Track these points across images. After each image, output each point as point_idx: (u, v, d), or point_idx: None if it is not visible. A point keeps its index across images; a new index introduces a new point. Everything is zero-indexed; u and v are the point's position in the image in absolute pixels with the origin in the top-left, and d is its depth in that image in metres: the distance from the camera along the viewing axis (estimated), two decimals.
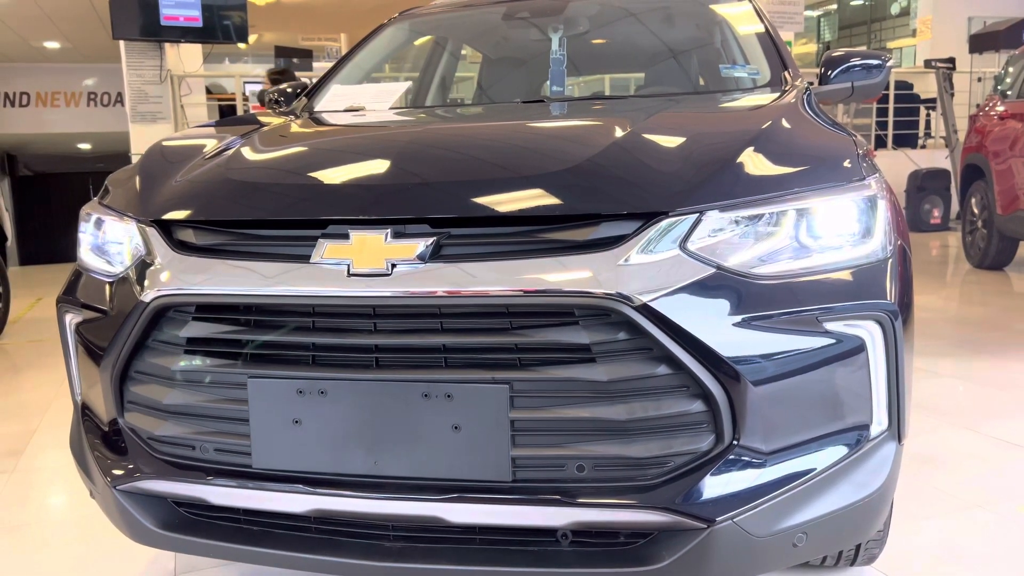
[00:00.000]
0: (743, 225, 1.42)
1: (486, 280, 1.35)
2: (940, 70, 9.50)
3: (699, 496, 1.36)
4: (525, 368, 1.37)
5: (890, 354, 1.48)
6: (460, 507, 1.39)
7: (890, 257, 1.51)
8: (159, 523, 1.58)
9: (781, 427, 1.41)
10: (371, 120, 2.34)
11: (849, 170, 1.55)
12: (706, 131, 1.73)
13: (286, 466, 1.47)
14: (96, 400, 1.68)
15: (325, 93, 2.71)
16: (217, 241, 1.53)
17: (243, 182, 1.62)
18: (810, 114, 1.85)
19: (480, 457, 1.39)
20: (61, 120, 15.68)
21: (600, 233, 1.38)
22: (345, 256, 1.40)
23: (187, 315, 1.51)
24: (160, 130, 8.13)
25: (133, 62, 8.21)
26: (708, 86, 2.75)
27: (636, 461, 1.37)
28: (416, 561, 1.43)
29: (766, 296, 1.39)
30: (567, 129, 1.96)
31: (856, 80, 2.45)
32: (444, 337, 1.39)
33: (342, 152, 1.83)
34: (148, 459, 1.58)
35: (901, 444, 1.55)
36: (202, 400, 1.51)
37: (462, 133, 1.97)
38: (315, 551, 1.48)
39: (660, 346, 1.33)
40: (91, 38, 12.96)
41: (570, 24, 2.94)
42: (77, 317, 1.72)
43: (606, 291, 1.32)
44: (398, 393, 1.39)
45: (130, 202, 1.69)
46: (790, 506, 1.41)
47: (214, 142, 1.88)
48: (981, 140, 6.60)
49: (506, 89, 3.20)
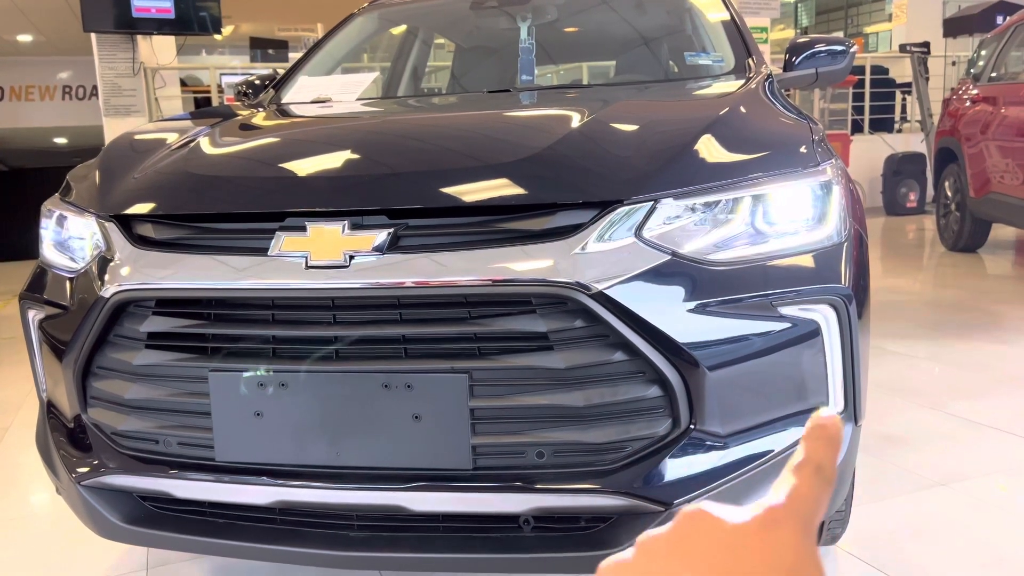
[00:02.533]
0: (698, 212, 1.43)
1: (444, 270, 1.36)
2: (915, 54, 9.55)
3: (658, 480, 1.39)
4: (484, 357, 1.38)
5: (845, 337, 1.50)
6: (422, 495, 1.41)
7: (845, 242, 1.53)
8: (125, 518, 1.59)
9: (738, 411, 1.43)
10: (335, 111, 2.33)
11: (805, 156, 1.57)
12: (663, 119, 1.75)
13: (249, 458, 1.48)
14: (60, 396, 1.68)
15: (292, 84, 2.70)
16: (176, 235, 1.53)
17: (201, 176, 1.62)
18: (769, 100, 1.86)
19: (441, 446, 1.40)
20: (36, 114, 15.48)
21: (556, 222, 1.39)
22: (303, 248, 1.40)
23: (147, 310, 1.51)
24: (134, 123, 8.04)
25: (105, 55, 8.11)
26: (678, 74, 2.76)
27: (595, 447, 1.39)
28: (380, 550, 1.44)
29: (721, 282, 1.41)
30: (526, 119, 1.97)
31: (820, 66, 2.48)
32: (403, 328, 1.40)
33: (302, 144, 1.83)
34: (112, 454, 1.58)
35: (858, 425, 1.57)
36: (164, 394, 1.51)
37: (422, 124, 1.98)
38: (280, 542, 1.49)
39: (616, 333, 1.34)
40: (65, 30, 12.78)
41: (539, 13, 2.94)
42: (40, 313, 1.71)
43: (562, 279, 1.33)
44: (358, 384, 1.40)
45: (90, 197, 1.69)
46: (748, 488, 1.44)
47: (175, 136, 1.87)
48: (954, 124, 6.65)
49: (477, 78, 3.20)
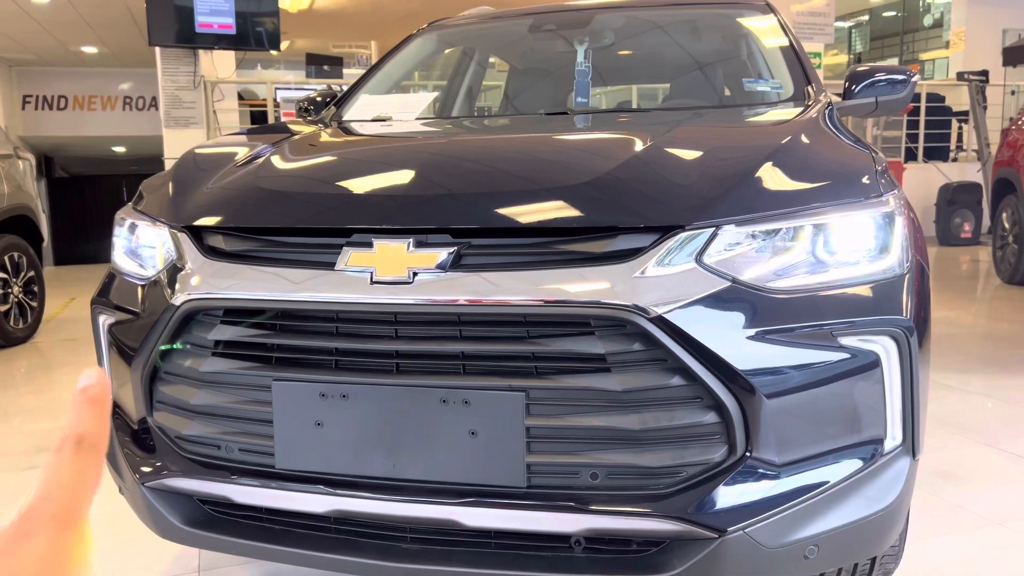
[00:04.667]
0: (759, 239, 1.44)
1: (505, 290, 1.38)
2: (973, 83, 9.40)
3: (711, 506, 1.38)
4: (541, 376, 1.39)
5: (905, 370, 1.48)
6: (476, 511, 1.42)
7: (907, 273, 1.52)
8: (185, 520, 1.63)
9: (794, 440, 1.42)
10: (397, 131, 2.38)
11: (867, 186, 1.56)
12: (725, 145, 1.75)
13: (308, 467, 1.51)
14: (126, 399, 1.73)
15: (354, 102, 2.76)
16: (246, 247, 1.57)
17: (272, 190, 1.67)
18: (831, 129, 1.86)
19: (496, 462, 1.42)
20: (97, 123, 15.98)
21: (617, 245, 1.41)
22: (368, 264, 1.44)
23: (215, 318, 1.56)
24: (193, 135, 8.27)
25: (168, 68, 8.37)
26: (732, 99, 2.76)
27: (649, 470, 1.39)
28: (432, 563, 1.46)
29: (781, 310, 1.41)
30: (588, 142, 1.99)
31: (880, 95, 2.46)
32: (463, 344, 1.42)
33: (368, 162, 1.87)
34: (175, 457, 1.63)
35: (916, 459, 1.55)
36: (228, 401, 1.56)
37: (484, 145, 2.01)
38: (334, 551, 1.52)
39: (674, 357, 1.35)
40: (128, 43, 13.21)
41: (596, 36, 2.97)
42: (110, 318, 1.77)
43: (622, 302, 1.35)
44: (417, 398, 1.43)
45: (163, 208, 1.75)
46: (802, 518, 1.43)
47: (245, 150, 1.93)
48: (1013, 154, 6.52)
49: (532, 99, 3.24)
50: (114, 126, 16.06)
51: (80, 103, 15.89)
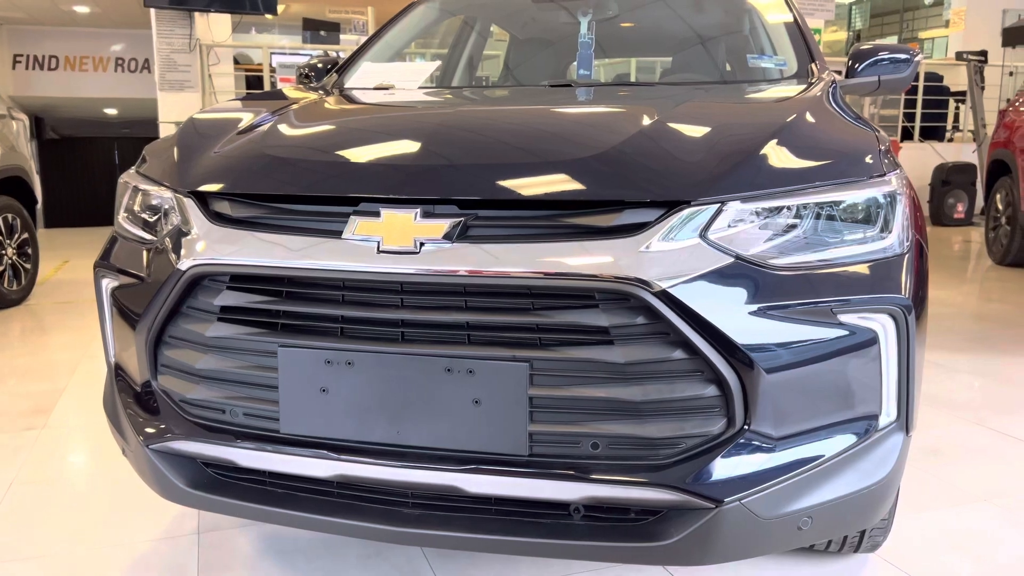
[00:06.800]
0: (763, 216, 1.45)
1: (510, 261, 1.39)
2: (972, 63, 9.37)
3: (709, 477, 1.41)
4: (545, 347, 1.41)
5: (902, 348, 1.51)
6: (477, 478, 1.45)
7: (906, 252, 1.54)
8: (188, 482, 1.65)
9: (792, 414, 1.45)
10: (402, 99, 2.38)
11: (870, 165, 1.57)
12: (731, 122, 1.76)
13: (312, 432, 1.53)
14: (130, 362, 1.74)
15: (356, 70, 2.75)
16: (252, 213, 1.58)
17: (279, 157, 1.67)
18: (835, 108, 1.87)
19: (498, 431, 1.44)
20: (89, 84, 15.77)
21: (623, 219, 1.42)
22: (375, 233, 1.45)
23: (221, 284, 1.56)
24: (188, 98, 8.20)
25: (163, 30, 8.26)
26: (735, 75, 2.76)
27: (649, 441, 1.42)
28: (433, 528, 1.49)
29: (783, 286, 1.43)
30: (594, 115, 2.00)
31: (883, 74, 2.46)
32: (468, 315, 1.44)
33: (374, 131, 1.87)
34: (179, 420, 1.64)
35: (909, 436, 1.58)
36: (233, 366, 1.57)
37: (491, 116, 2.01)
38: (336, 514, 1.54)
39: (677, 331, 1.37)
40: (120, 3, 13.00)
41: (600, 8, 2.96)
42: (113, 282, 1.78)
43: (626, 276, 1.36)
44: (422, 367, 1.45)
45: (167, 172, 1.75)
46: (797, 490, 1.46)
47: (250, 116, 1.93)
48: (1009, 136, 6.53)
49: (533, 70, 3.23)
50: (106, 88, 15.85)
51: (71, 63, 15.67)
